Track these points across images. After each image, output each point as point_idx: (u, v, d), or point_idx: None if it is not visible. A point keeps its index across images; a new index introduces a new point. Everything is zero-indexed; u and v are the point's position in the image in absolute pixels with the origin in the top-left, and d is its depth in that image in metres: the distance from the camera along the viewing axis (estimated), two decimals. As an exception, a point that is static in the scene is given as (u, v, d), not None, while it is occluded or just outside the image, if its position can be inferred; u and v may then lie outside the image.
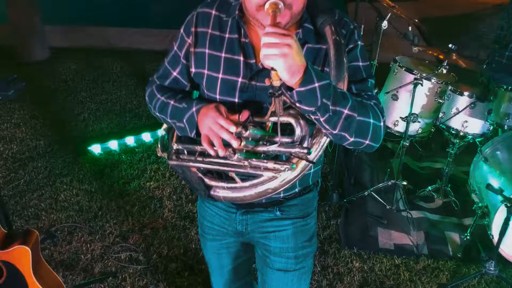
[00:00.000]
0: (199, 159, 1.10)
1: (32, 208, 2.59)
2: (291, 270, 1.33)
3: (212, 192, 1.14)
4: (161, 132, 1.27)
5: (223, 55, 1.13)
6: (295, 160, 1.02)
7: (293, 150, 1.01)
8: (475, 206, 2.46)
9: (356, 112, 0.99)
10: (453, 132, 2.62)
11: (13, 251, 1.50)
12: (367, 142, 1.04)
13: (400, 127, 2.74)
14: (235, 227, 1.32)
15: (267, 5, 0.96)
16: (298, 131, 1.01)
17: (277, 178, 1.05)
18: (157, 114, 1.22)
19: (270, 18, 0.94)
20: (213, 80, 1.14)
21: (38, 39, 4.42)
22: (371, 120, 1.03)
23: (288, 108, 1.00)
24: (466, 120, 2.55)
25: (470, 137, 2.61)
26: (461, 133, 2.59)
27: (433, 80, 2.65)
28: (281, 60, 0.88)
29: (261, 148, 1.03)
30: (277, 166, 1.01)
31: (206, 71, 1.15)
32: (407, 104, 2.61)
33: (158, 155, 1.23)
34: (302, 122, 1.01)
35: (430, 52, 2.76)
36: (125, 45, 5.06)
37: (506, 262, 2.33)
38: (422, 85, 2.53)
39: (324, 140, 1.05)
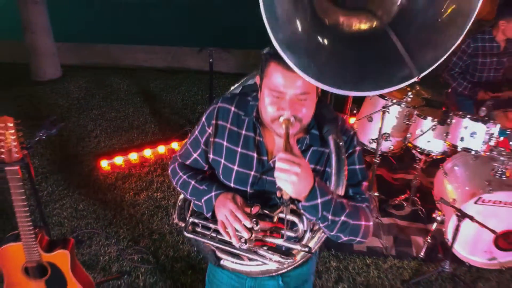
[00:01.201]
0: (213, 235, 1.29)
1: (56, 216, 3.00)
2: None
3: (222, 262, 1.35)
4: (178, 202, 1.49)
5: (239, 150, 1.31)
6: (296, 255, 1.23)
7: (296, 247, 1.21)
8: (436, 214, 2.89)
9: (351, 219, 1.19)
10: (418, 150, 3.04)
11: (56, 254, 1.91)
12: (358, 239, 1.23)
13: (374, 145, 3.16)
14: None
15: (281, 119, 1.17)
16: (301, 228, 1.23)
17: (277, 264, 1.27)
18: (179, 188, 1.40)
19: (284, 133, 1.15)
20: (229, 170, 1.32)
21: (51, 59, 4.83)
22: (363, 223, 1.22)
23: (295, 212, 1.20)
24: (429, 140, 2.98)
25: (434, 154, 3.04)
26: (426, 151, 3.02)
27: (402, 105, 3.08)
28: (290, 185, 1.07)
29: (268, 239, 1.22)
30: (281, 260, 1.22)
31: (223, 161, 1.33)
32: (378, 124, 3.04)
33: (175, 222, 1.45)
34: (305, 221, 1.22)
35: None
36: (129, 62, 5.46)
37: (459, 261, 2.76)
38: (389, 112, 2.96)
39: (323, 235, 1.25)
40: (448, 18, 1.10)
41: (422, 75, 1.10)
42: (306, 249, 1.20)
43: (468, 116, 2.74)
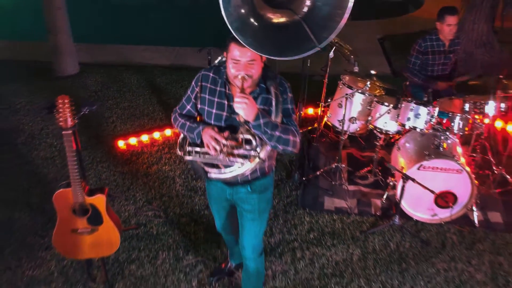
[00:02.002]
0: (201, 156, 2.06)
1: (83, 184, 3.69)
2: (256, 219, 2.31)
3: (208, 175, 2.09)
4: (178, 140, 2.20)
5: (216, 99, 2.08)
6: (251, 158, 1.99)
7: (251, 153, 1.98)
8: (389, 180, 3.60)
9: (283, 134, 1.94)
10: (378, 130, 3.74)
11: (95, 197, 2.59)
12: (289, 149, 1.97)
13: (345, 128, 3.85)
14: (226, 197, 2.29)
15: (239, 77, 1.91)
16: (254, 142, 1.98)
17: (244, 168, 2.00)
18: (179, 129, 2.17)
19: (240, 84, 1.90)
20: (210, 113, 2.09)
21: (70, 57, 5.52)
22: (291, 138, 1.97)
23: (248, 130, 1.97)
24: (386, 121, 3.67)
25: (390, 133, 3.73)
26: (384, 131, 3.71)
27: (366, 94, 3.78)
28: (241, 110, 1.84)
29: (235, 151, 1.99)
30: (243, 161, 1.98)
31: (206, 108, 2.10)
32: (347, 109, 3.74)
33: (177, 153, 2.15)
34: (256, 139, 1.96)
35: (359, 78, 3.90)
36: (138, 60, 6.14)
37: (408, 217, 3.45)
38: (352, 98, 3.67)
39: (268, 148, 1.99)
40: (333, 11, 1.86)
41: (321, 46, 1.88)
42: (257, 153, 1.96)
43: (414, 101, 3.44)
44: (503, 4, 5.38)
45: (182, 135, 2.20)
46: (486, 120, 3.66)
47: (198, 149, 2.08)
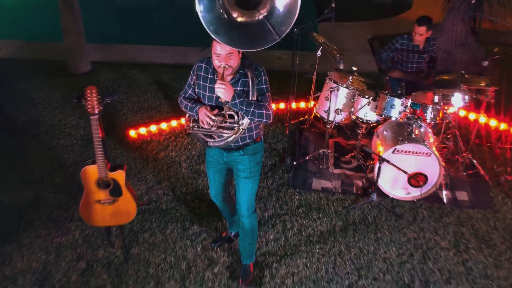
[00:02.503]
0: (201, 130, 2.64)
1: (100, 167, 4.18)
2: (249, 178, 2.86)
3: (208, 144, 2.69)
4: (185, 118, 2.76)
5: (208, 85, 2.63)
6: (235, 129, 2.58)
7: (234, 125, 2.57)
8: (369, 163, 4.10)
9: (256, 109, 2.49)
10: (360, 120, 4.23)
11: (116, 173, 3.08)
12: (263, 120, 2.53)
13: (330, 118, 4.35)
14: (222, 160, 2.87)
15: (221, 66, 2.45)
16: (235, 117, 2.56)
17: (231, 137, 2.59)
18: (183, 108, 2.74)
19: (220, 73, 2.44)
20: (204, 96, 2.66)
21: (84, 56, 6.02)
22: (264, 111, 2.51)
23: (230, 108, 2.51)
24: (366, 112, 4.17)
25: (370, 122, 4.22)
26: (365, 120, 4.21)
27: (350, 88, 4.27)
28: (221, 94, 2.39)
29: (223, 124, 2.58)
30: (231, 131, 2.58)
31: (201, 91, 2.67)
32: (333, 102, 4.24)
33: (185, 128, 2.74)
34: (238, 113, 2.54)
35: (344, 74, 4.40)
36: (144, 59, 6.62)
37: (385, 195, 3.95)
38: (338, 91, 4.17)
39: (247, 120, 2.55)
40: (288, 11, 2.37)
41: (280, 38, 2.38)
42: (238, 125, 2.56)
43: (389, 94, 3.94)
44: (466, 7, 5.90)
45: (187, 115, 2.75)
46: (451, 110, 4.15)
47: (198, 124, 2.67)
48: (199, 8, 2.32)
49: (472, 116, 5.06)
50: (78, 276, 3.19)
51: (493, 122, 4.93)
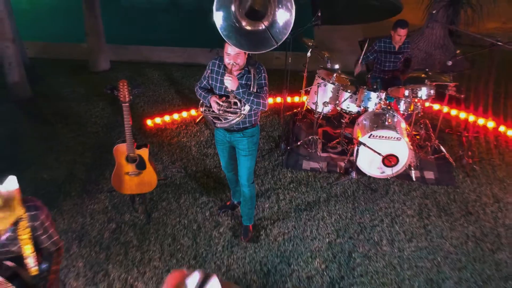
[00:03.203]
0: (211, 113, 3.39)
1: (123, 150, 4.94)
2: (248, 156, 3.58)
3: (215, 125, 3.44)
4: (200, 103, 3.54)
5: (219, 77, 3.33)
6: (238, 113, 3.32)
7: (238, 110, 3.31)
8: (350, 146, 4.84)
9: (256, 98, 3.23)
10: (343, 111, 4.98)
11: (142, 150, 3.83)
12: (260, 107, 3.27)
13: (319, 109, 5.08)
14: (227, 140, 3.59)
15: (230, 63, 3.21)
16: (239, 104, 3.29)
17: (235, 120, 3.34)
18: (198, 96, 3.50)
19: (229, 69, 3.21)
20: (216, 86, 3.37)
21: (103, 56, 6.78)
22: (261, 101, 3.25)
23: (235, 96, 3.29)
24: (348, 104, 4.92)
25: (352, 113, 4.96)
26: (347, 111, 4.95)
27: (336, 84, 5.01)
28: (228, 84, 3.16)
29: (228, 110, 3.33)
30: (234, 116, 3.33)
31: (214, 83, 3.38)
32: (320, 96, 4.98)
33: (199, 111, 3.54)
34: (241, 101, 3.29)
35: (328, 71, 5.13)
36: (156, 59, 7.36)
37: (363, 174, 4.69)
38: (325, 86, 4.91)
39: (248, 107, 3.31)
40: (285, 24, 3.09)
41: (277, 45, 3.11)
42: (241, 110, 3.27)
43: (366, 88, 4.69)
44: (429, 17, 6.65)
45: (200, 104, 3.50)
46: (426, 104, 4.89)
47: (209, 108, 3.44)
48: (217, 18, 3.07)
49: (444, 108, 5.78)
50: (109, 234, 3.95)
51: (455, 113, 5.66)
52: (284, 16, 3.11)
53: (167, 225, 4.06)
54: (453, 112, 5.78)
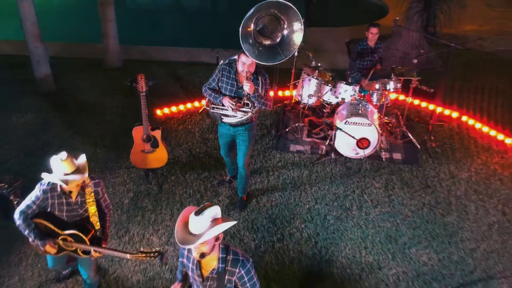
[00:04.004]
0: (219, 110, 4.21)
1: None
2: (246, 144, 4.37)
3: (222, 120, 4.27)
4: (206, 102, 4.36)
5: (230, 81, 4.11)
6: (249, 113, 4.15)
7: (248, 110, 4.14)
8: (329, 132, 5.70)
9: (264, 100, 4.08)
10: (325, 102, 5.83)
11: (156, 131, 4.69)
12: (267, 108, 4.16)
13: (304, 101, 5.93)
14: (231, 133, 4.39)
15: (244, 71, 3.93)
16: (250, 104, 4.10)
17: (244, 118, 4.16)
18: (207, 96, 4.25)
19: (245, 75, 3.96)
20: (226, 89, 4.14)
21: (117, 55, 7.64)
22: (268, 103, 4.13)
23: (248, 98, 4.08)
24: (329, 97, 5.77)
25: (333, 104, 5.82)
26: (328, 102, 5.81)
27: (320, 78, 5.87)
28: (247, 88, 3.92)
29: (241, 109, 4.14)
30: (243, 114, 4.16)
31: (224, 85, 4.15)
32: (306, 89, 5.84)
33: (206, 108, 4.36)
34: (252, 101, 4.10)
35: (312, 68, 5.99)
36: (162, 58, 8.21)
37: (340, 154, 5.54)
38: (309, 81, 5.77)
39: (257, 108, 4.16)
40: (292, 41, 3.97)
41: (285, 58, 4.00)
42: (252, 110, 4.11)
43: (343, 82, 5.55)
44: (419, 17, 7.50)
45: (207, 99, 4.30)
46: (392, 95, 5.75)
47: (217, 107, 4.22)
48: (241, 38, 3.85)
49: (409, 99, 6.65)
50: (128, 201, 4.82)
51: (424, 105, 6.51)
52: (293, 36, 3.98)
53: (175, 194, 4.92)
54: (423, 104, 6.63)
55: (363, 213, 4.76)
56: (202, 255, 2.36)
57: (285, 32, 4.00)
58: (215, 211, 2.39)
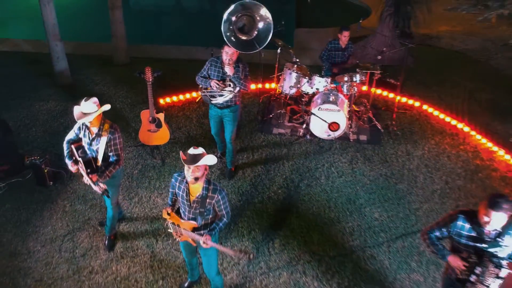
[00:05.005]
0: (208, 93, 5.27)
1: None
2: (231, 124, 5.44)
3: (211, 102, 5.33)
4: (200, 89, 5.45)
5: (216, 69, 5.18)
6: (231, 92, 5.21)
7: (231, 89, 5.20)
8: (306, 117, 6.74)
9: (244, 82, 5.16)
10: (304, 93, 6.86)
11: (159, 114, 5.72)
12: (246, 89, 5.24)
13: (286, 91, 6.96)
14: (218, 114, 5.44)
15: (227, 60, 5.05)
16: (231, 85, 5.18)
17: (228, 97, 5.22)
18: (199, 82, 5.36)
19: (227, 62, 5.07)
20: (213, 75, 5.20)
21: (125, 52, 8.68)
22: (247, 84, 5.19)
23: (230, 80, 5.18)
24: (306, 88, 6.80)
25: (309, 93, 6.84)
26: (306, 93, 6.84)
27: (298, 72, 6.90)
28: (228, 71, 5.07)
29: (225, 89, 5.20)
30: (229, 93, 5.22)
31: (212, 73, 5.21)
32: (287, 82, 6.87)
33: (199, 93, 5.43)
34: (234, 82, 5.17)
35: (292, 64, 7.03)
36: (163, 56, 9.25)
37: (315, 136, 6.57)
38: (290, 74, 6.81)
39: (238, 88, 5.22)
40: (264, 35, 5.08)
41: (260, 48, 5.22)
42: (234, 90, 5.19)
43: (317, 75, 6.59)
44: (392, 19, 8.55)
45: (200, 86, 5.35)
46: (364, 87, 6.77)
47: (206, 90, 5.28)
48: (223, 31, 4.99)
49: (372, 89, 7.68)
50: (137, 171, 5.87)
51: (391, 96, 7.54)
52: (265, 29, 5.12)
53: (176, 167, 5.96)
54: (391, 95, 7.66)
55: (329, 181, 5.79)
56: (196, 179, 3.40)
57: (260, 26, 5.12)
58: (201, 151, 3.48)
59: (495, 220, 2.98)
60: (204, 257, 3.90)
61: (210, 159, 3.49)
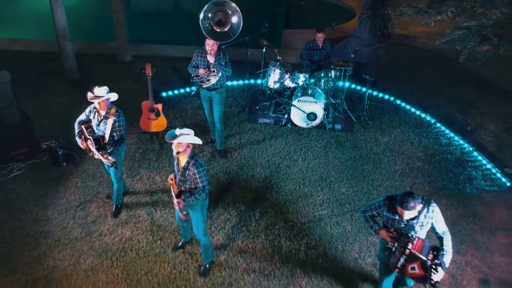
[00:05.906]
0: (198, 78, 6.21)
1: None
2: (219, 105, 6.36)
3: (202, 86, 6.26)
4: (192, 78, 6.37)
5: (202, 58, 6.13)
6: (216, 76, 6.15)
7: (215, 74, 6.13)
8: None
9: (224, 67, 6.09)
10: (286, 87, 7.75)
11: (158, 104, 6.61)
12: (227, 73, 6.15)
13: (270, 86, 7.84)
14: (208, 96, 6.37)
15: (209, 50, 6.02)
16: (215, 71, 6.12)
17: (214, 81, 6.14)
18: (190, 72, 6.30)
19: (209, 52, 6.04)
20: (200, 63, 6.14)
21: (127, 51, 9.57)
22: (228, 69, 6.13)
23: (214, 66, 6.13)
24: (288, 83, 7.69)
25: (291, 87, 7.73)
26: (288, 87, 7.73)
27: (281, 69, 7.78)
28: (210, 59, 6.05)
29: (210, 75, 6.12)
30: (213, 77, 6.15)
31: (199, 62, 6.12)
32: (272, 77, 7.76)
33: (191, 81, 6.36)
34: (216, 69, 6.11)
35: (275, 61, 7.93)
36: (163, 54, 10.14)
37: (295, 125, 7.47)
38: (274, 70, 7.70)
39: (220, 73, 6.16)
40: (237, 27, 6.11)
41: (234, 37, 6.24)
42: (219, 74, 6.15)
43: (297, 71, 7.48)
44: (369, 21, 9.46)
45: (192, 76, 6.26)
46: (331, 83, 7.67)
47: (197, 76, 6.20)
48: (202, 27, 5.94)
49: (346, 84, 8.58)
50: (139, 155, 6.77)
51: (364, 89, 8.43)
52: (237, 22, 6.01)
53: (172, 150, 6.83)
54: (364, 89, 8.55)
55: (305, 163, 6.69)
56: (178, 153, 4.30)
57: (233, 18, 6.09)
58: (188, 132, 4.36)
59: (408, 214, 3.83)
60: (192, 220, 4.79)
61: (188, 138, 4.37)
